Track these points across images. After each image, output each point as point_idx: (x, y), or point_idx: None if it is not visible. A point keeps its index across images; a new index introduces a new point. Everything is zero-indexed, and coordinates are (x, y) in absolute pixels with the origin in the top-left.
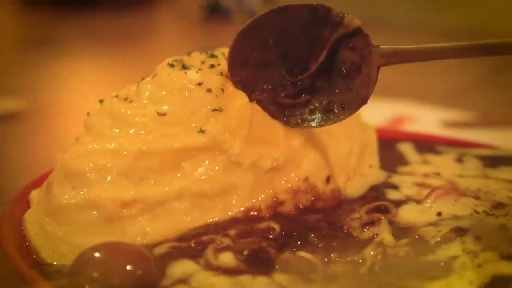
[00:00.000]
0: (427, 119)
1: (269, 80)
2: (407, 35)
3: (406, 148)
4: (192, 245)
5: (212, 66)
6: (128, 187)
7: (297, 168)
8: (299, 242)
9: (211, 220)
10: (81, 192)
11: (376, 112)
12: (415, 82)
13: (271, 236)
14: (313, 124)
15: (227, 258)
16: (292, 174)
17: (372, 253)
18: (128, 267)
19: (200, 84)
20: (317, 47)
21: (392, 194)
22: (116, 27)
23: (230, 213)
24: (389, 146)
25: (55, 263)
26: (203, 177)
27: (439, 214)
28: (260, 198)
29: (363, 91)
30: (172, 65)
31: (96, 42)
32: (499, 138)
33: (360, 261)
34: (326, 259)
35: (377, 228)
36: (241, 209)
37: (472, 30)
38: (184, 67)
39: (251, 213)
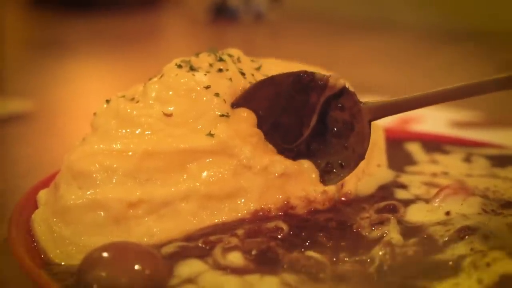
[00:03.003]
0: (434, 119)
1: None
2: (412, 36)
3: (414, 148)
4: (200, 244)
5: (220, 70)
6: (134, 188)
7: (315, 182)
8: (308, 242)
9: (219, 220)
10: (88, 193)
11: None
12: (422, 82)
13: (279, 236)
14: None
15: (235, 258)
16: (309, 187)
17: (380, 252)
18: (136, 267)
19: (208, 87)
20: (307, 112)
21: (401, 194)
22: (123, 28)
23: (238, 215)
24: (397, 145)
25: (63, 263)
26: (211, 179)
27: (447, 213)
28: (270, 201)
29: (359, 147)
30: (180, 66)
31: (103, 43)
32: (507, 138)
33: (368, 260)
34: (334, 259)
35: (386, 228)
36: (250, 211)
37: (477, 31)
38: (192, 68)
39: (260, 214)
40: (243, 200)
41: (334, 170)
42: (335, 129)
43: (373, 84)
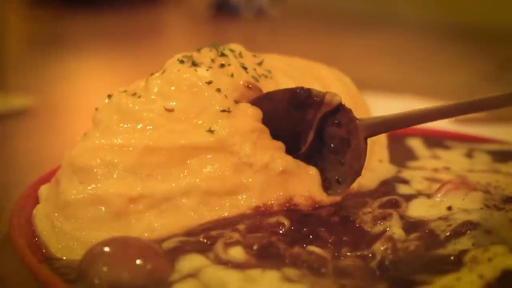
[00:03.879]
0: None
1: None
2: (413, 33)
3: (416, 143)
4: (201, 239)
5: (222, 65)
6: (135, 183)
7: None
8: (310, 236)
9: (219, 216)
10: (89, 188)
11: (385, 108)
12: (424, 78)
13: (280, 231)
14: None
15: (237, 253)
16: (314, 187)
17: (382, 247)
18: (138, 262)
19: (210, 83)
20: (304, 128)
21: (403, 189)
22: (124, 25)
23: (239, 211)
24: (398, 141)
25: (64, 258)
26: (211, 175)
27: (449, 208)
28: (272, 199)
29: (356, 163)
30: (182, 61)
31: (104, 39)
32: (508, 133)
33: (370, 255)
34: (336, 254)
35: (389, 223)
36: (251, 207)
37: (478, 28)
38: (194, 63)
39: (262, 209)
40: (244, 197)
41: (332, 186)
42: (332, 145)
43: (374, 80)
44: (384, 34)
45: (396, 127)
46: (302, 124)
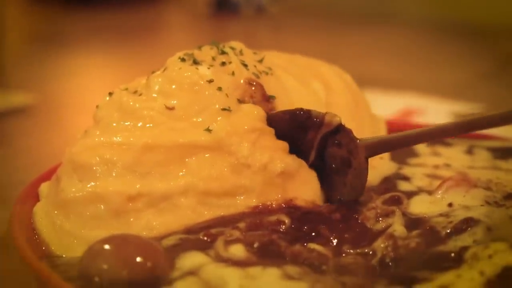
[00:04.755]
0: (436, 111)
1: None
2: (413, 30)
3: None
4: (202, 237)
5: (223, 63)
6: (133, 181)
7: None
8: (313, 234)
9: (219, 215)
10: (88, 185)
11: (386, 104)
12: (424, 75)
13: (281, 229)
14: None
15: (237, 250)
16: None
17: (382, 245)
18: (138, 259)
19: (211, 81)
20: (305, 149)
21: (404, 185)
22: (125, 22)
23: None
24: None
25: (64, 256)
26: (209, 175)
27: (450, 205)
28: (271, 200)
29: (357, 183)
30: (183, 59)
31: (104, 37)
32: (509, 130)
33: (370, 253)
34: (337, 251)
35: (391, 220)
36: (250, 207)
37: (478, 25)
38: (195, 62)
39: (261, 207)
40: (242, 198)
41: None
42: (333, 165)
43: (375, 78)
44: (384, 32)
45: (396, 147)
46: (302, 145)
